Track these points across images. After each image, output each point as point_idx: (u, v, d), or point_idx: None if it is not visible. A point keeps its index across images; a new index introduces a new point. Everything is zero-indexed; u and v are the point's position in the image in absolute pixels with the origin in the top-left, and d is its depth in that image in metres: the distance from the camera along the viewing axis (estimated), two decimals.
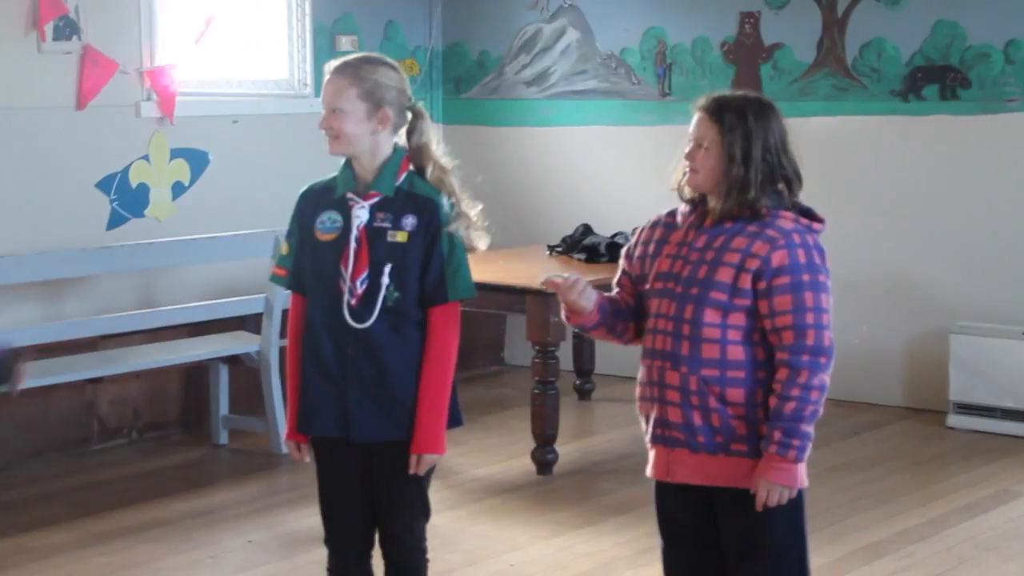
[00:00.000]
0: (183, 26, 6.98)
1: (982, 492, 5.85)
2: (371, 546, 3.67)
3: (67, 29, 6.47)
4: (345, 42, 7.71)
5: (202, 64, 7.09)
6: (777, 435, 3.18)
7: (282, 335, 6.33)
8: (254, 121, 7.26)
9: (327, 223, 3.53)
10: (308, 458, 3.62)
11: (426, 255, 3.51)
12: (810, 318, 3.18)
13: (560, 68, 8.02)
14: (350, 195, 3.53)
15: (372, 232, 3.49)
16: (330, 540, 3.67)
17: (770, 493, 3.21)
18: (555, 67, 8.03)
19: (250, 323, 6.61)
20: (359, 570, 3.67)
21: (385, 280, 3.48)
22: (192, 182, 7.03)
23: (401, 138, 3.59)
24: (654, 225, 3.41)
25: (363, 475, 3.59)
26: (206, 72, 7.13)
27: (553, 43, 8.03)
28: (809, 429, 3.20)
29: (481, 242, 3.61)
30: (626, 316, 3.46)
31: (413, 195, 3.54)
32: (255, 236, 6.53)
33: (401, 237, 3.50)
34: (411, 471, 3.53)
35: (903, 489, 5.89)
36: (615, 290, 3.50)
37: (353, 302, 3.48)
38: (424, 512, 3.67)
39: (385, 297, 3.48)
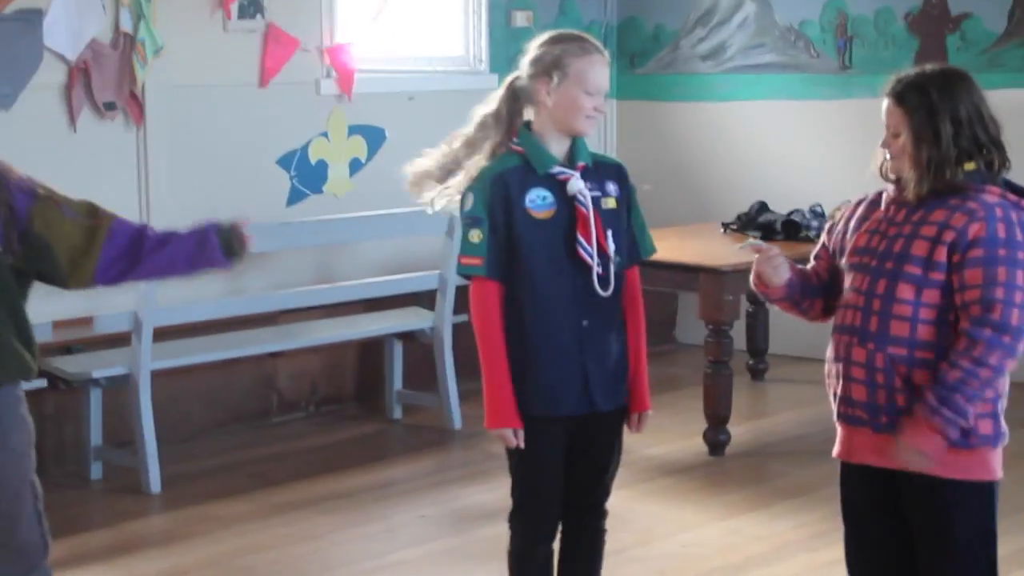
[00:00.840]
0: (361, 4, 7.09)
1: None
2: (558, 525, 3.72)
3: (251, 8, 6.62)
4: (520, 17, 7.75)
5: (379, 41, 7.20)
6: (930, 397, 3.10)
7: (457, 312, 6.46)
8: (430, 98, 7.34)
9: (538, 201, 3.52)
10: (523, 444, 3.58)
11: (629, 217, 3.62)
12: (999, 293, 3.08)
13: (737, 41, 7.95)
14: (559, 169, 3.52)
15: (593, 201, 3.54)
16: (529, 518, 3.66)
17: (905, 455, 3.14)
18: (732, 40, 7.96)
19: (424, 299, 6.67)
20: (549, 548, 3.71)
21: (613, 245, 3.54)
22: (369, 158, 7.16)
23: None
24: (860, 202, 3.38)
25: (568, 448, 3.63)
26: (383, 49, 7.24)
27: (730, 16, 7.96)
28: (968, 406, 3.10)
29: None
30: (815, 292, 3.43)
31: (604, 163, 3.63)
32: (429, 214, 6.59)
33: (611, 203, 3.57)
34: (634, 430, 3.68)
35: None
36: (811, 263, 3.48)
37: (600, 271, 3.52)
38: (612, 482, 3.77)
39: (618, 263, 3.55)
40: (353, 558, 4.94)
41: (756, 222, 6.77)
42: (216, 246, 3.48)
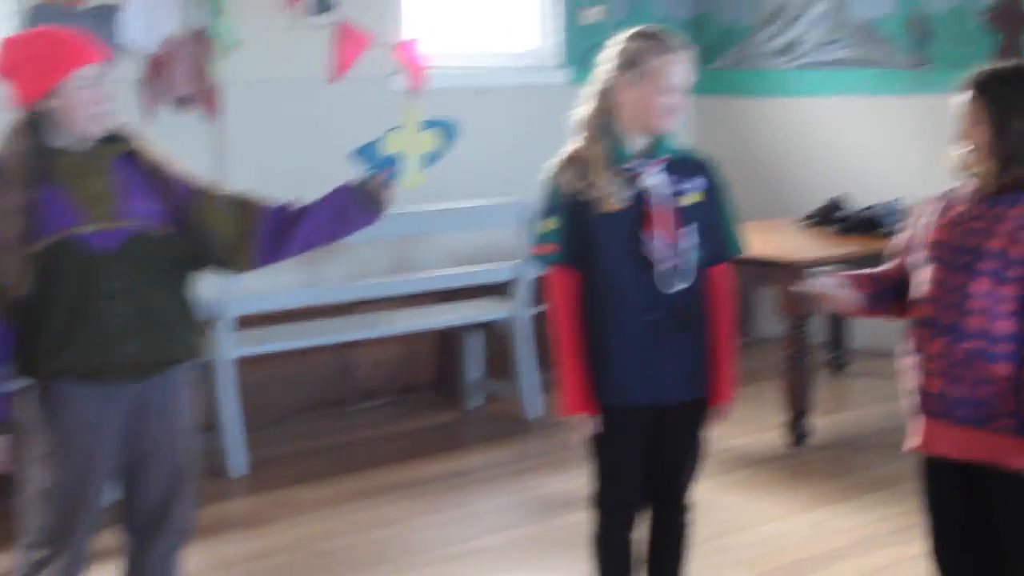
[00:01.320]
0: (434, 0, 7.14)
1: None
2: (638, 514, 3.74)
3: (323, 3, 6.67)
4: (594, 12, 7.75)
5: (453, 36, 7.24)
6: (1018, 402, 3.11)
7: (535, 303, 6.48)
8: (503, 93, 7.38)
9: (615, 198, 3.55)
10: (599, 430, 3.62)
11: (716, 213, 3.63)
12: None
13: (811, 37, 7.92)
14: (633, 163, 3.55)
15: (672, 196, 3.56)
16: (606, 506, 3.70)
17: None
18: (806, 36, 7.94)
19: (499, 290, 6.70)
20: (628, 536, 3.73)
21: (691, 241, 3.55)
22: (443, 152, 7.18)
23: None
24: (939, 198, 3.37)
25: (645, 438, 3.65)
26: (457, 44, 7.28)
27: (804, 11, 7.94)
28: None
29: None
30: (888, 296, 3.44)
31: (689, 158, 3.64)
32: (504, 206, 6.60)
33: (696, 198, 3.59)
34: (710, 424, 3.69)
35: None
36: (888, 263, 3.47)
37: (663, 267, 3.53)
38: (696, 475, 3.77)
39: (691, 259, 3.55)
40: (432, 544, 4.98)
41: (831, 218, 6.75)
42: (356, 203, 3.62)
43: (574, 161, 3.57)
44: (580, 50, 7.58)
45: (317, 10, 6.60)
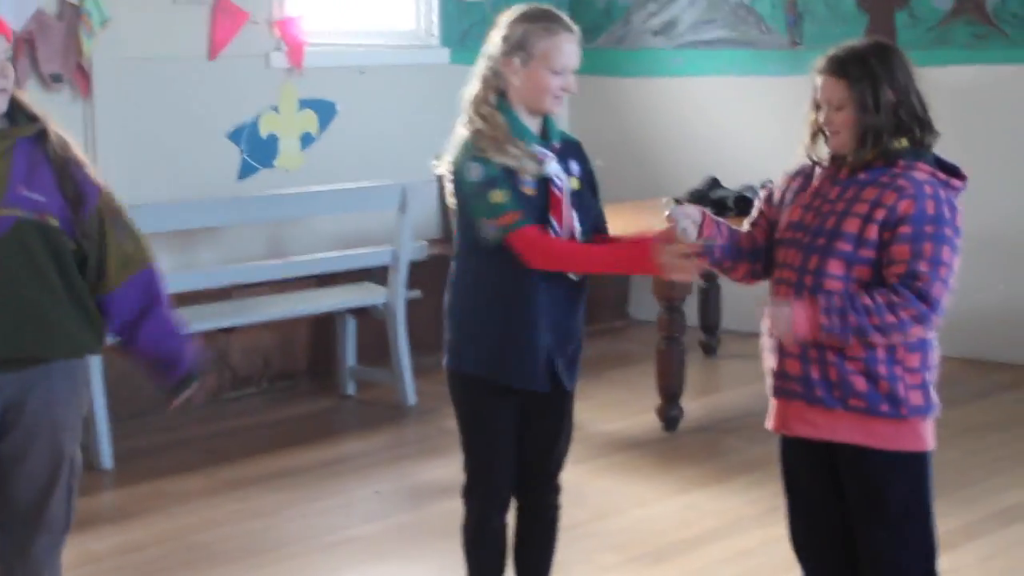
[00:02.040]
0: None
1: None
2: (510, 498, 3.76)
3: None
4: None
5: (330, 14, 7.19)
6: (834, 297, 3.16)
7: (409, 287, 6.49)
8: (381, 72, 7.35)
9: (528, 179, 3.52)
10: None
11: (589, 194, 3.63)
12: (923, 266, 3.13)
13: (688, 17, 7.97)
14: (538, 149, 3.53)
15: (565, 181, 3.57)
16: (479, 491, 3.70)
17: (776, 317, 3.21)
18: (683, 16, 7.98)
19: (376, 275, 6.66)
20: (503, 521, 3.74)
21: (578, 224, 3.56)
22: (320, 133, 7.16)
23: None
24: (797, 174, 3.40)
25: (516, 424, 3.67)
26: (334, 22, 7.22)
27: None
28: (848, 329, 3.14)
29: None
30: (739, 255, 3.45)
31: (569, 141, 3.65)
32: (383, 188, 6.56)
33: (575, 183, 3.58)
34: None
35: None
36: (747, 226, 3.49)
37: None
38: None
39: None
40: (308, 533, 4.96)
41: (708, 198, 6.80)
42: (183, 365, 3.49)
43: (482, 137, 3.51)
44: (458, 30, 7.57)
45: None
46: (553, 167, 3.53)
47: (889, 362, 3.21)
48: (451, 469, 4.08)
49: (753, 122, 7.71)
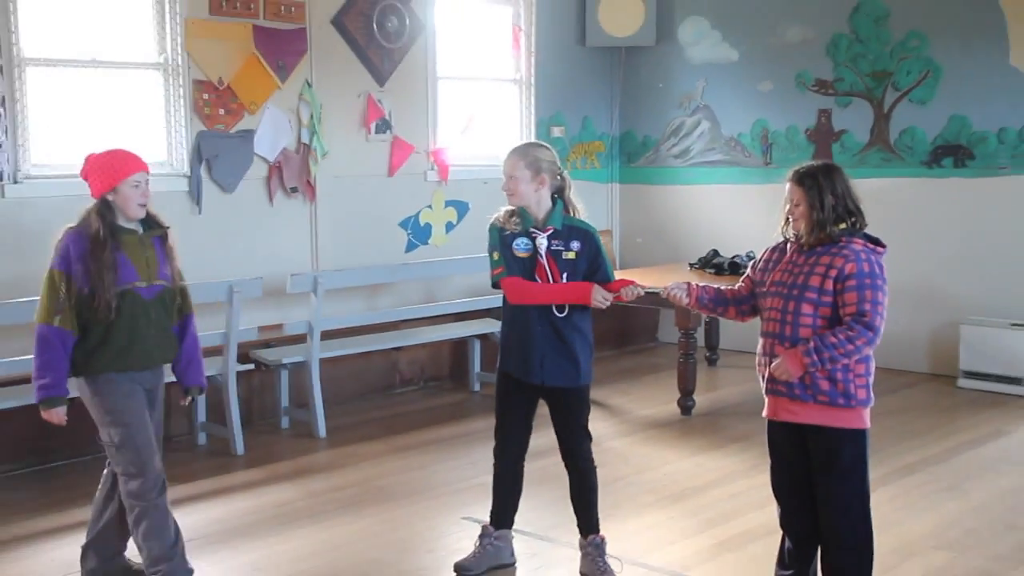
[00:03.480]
0: (454, 121, 7.12)
1: (981, 431, 5.62)
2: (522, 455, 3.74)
3: (383, 125, 6.67)
4: (556, 131, 7.73)
5: (465, 145, 7.22)
6: (811, 343, 3.12)
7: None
8: (497, 182, 7.26)
9: (521, 246, 3.55)
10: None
11: (591, 263, 3.57)
12: (868, 306, 3.11)
13: (697, 146, 7.91)
14: (533, 229, 3.55)
15: (553, 253, 3.55)
16: (498, 450, 3.77)
17: (777, 368, 3.16)
18: (693, 145, 7.93)
19: (494, 312, 6.69)
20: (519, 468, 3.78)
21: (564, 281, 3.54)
22: (458, 221, 7.19)
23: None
24: (773, 250, 3.37)
25: (529, 404, 3.69)
26: (468, 149, 7.25)
27: (692, 130, 7.93)
28: (827, 361, 3.10)
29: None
30: (727, 302, 3.42)
31: (575, 227, 3.59)
32: None
33: (571, 255, 3.55)
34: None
35: (926, 428, 5.68)
36: (738, 284, 3.46)
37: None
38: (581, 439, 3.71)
39: None
40: (448, 480, 4.96)
41: (711, 262, 6.74)
42: (200, 374, 3.66)
43: (504, 218, 3.59)
44: None
45: (379, 130, 6.62)
46: (541, 241, 3.52)
47: (844, 370, 3.16)
48: (537, 441, 4.02)
49: (740, 214, 7.61)
